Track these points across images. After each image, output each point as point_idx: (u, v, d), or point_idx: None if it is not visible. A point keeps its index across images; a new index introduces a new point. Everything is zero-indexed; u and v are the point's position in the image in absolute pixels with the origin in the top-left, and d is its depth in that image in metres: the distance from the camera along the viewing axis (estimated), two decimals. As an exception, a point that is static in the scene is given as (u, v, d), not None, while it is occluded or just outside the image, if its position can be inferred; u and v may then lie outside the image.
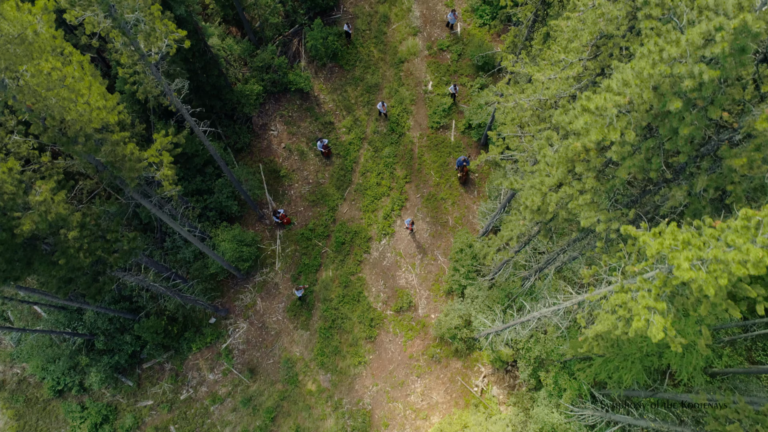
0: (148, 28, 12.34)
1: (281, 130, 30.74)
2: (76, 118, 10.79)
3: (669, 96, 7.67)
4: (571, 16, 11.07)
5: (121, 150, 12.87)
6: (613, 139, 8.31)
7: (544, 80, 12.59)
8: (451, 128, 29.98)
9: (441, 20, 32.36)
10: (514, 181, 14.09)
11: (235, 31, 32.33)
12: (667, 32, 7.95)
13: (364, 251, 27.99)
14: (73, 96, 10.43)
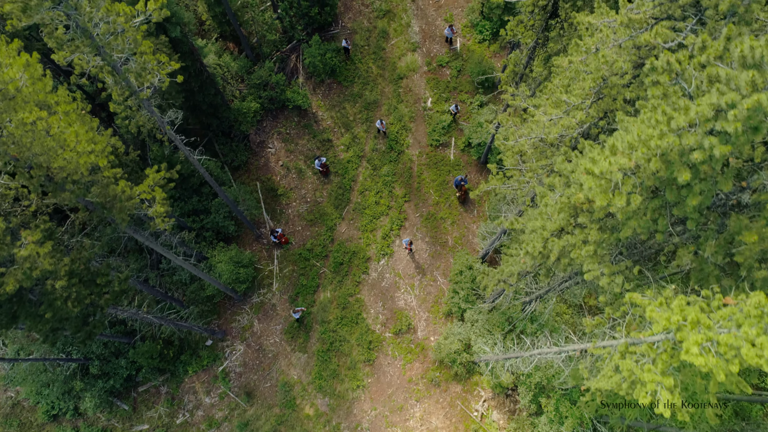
0: (139, 67, 12.01)
1: (279, 147, 30.41)
2: (64, 165, 10.48)
3: (677, 165, 7.34)
4: (573, 60, 10.73)
5: (112, 190, 12.53)
6: (619, 205, 7.97)
7: (546, 121, 12.25)
8: (451, 146, 29.65)
9: (440, 35, 32.04)
10: (515, 221, 13.74)
11: (233, 46, 32.02)
12: (674, 95, 7.61)
13: (363, 272, 27.64)
14: (60, 146, 10.11)
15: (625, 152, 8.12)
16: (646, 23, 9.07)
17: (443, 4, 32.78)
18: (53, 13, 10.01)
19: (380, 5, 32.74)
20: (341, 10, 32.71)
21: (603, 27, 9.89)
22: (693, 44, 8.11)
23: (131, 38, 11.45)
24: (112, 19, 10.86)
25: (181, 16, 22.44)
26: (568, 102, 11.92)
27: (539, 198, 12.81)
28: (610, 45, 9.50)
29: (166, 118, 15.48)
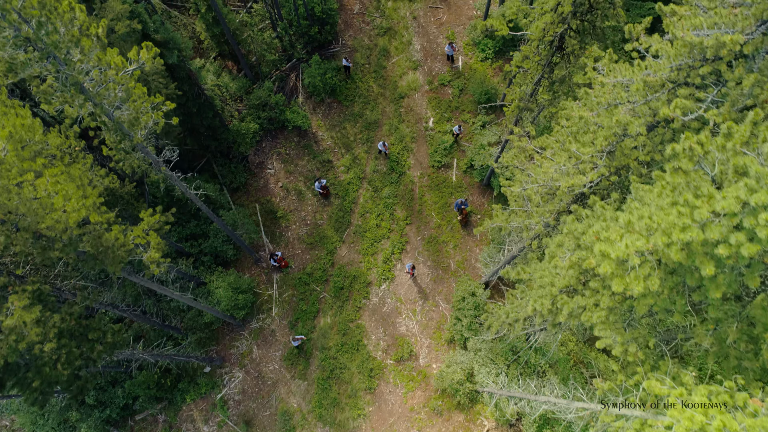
0: (132, 116, 11.56)
1: (278, 168, 29.97)
2: (52, 225, 10.04)
3: (700, 256, 6.89)
4: (584, 115, 10.28)
5: (105, 240, 12.09)
6: (637, 290, 7.52)
7: (553, 172, 11.80)
8: (453, 167, 29.20)
9: (442, 54, 31.61)
10: (521, 271, 13.29)
11: (231, 65, 31.59)
12: (697, 177, 7.17)
13: (364, 297, 27.19)
14: (48, 210, 9.67)
15: (642, 233, 7.66)
16: (662, 86, 8.62)
17: (445, 21, 32.35)
18: (41, 68, 9.58)
19: (381, 22, 32.32)
20: (341, 27, 32.29)
21: (616, 86, 9.44)
22: (714, 119, 7.66)
23: (124, 87, 11.01)
24: (104, 72, 10.41)
25: (177, 42, 22.03)
26: (577, 154, 11.48)
27: (547, 248, 12.36)
28: (624, 109, 9.05)
29: (161, 157, 15.05)
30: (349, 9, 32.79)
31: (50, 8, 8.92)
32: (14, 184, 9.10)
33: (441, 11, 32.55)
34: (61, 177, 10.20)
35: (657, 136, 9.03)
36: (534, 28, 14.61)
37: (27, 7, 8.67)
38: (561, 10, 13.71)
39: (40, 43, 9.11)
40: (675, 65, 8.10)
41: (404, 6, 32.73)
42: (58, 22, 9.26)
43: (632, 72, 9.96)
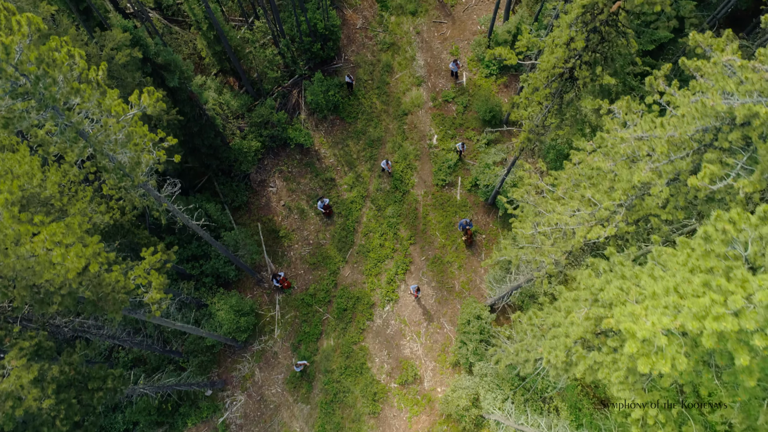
0: (134, 160, 11.20)
1: (280, 186, 29.61)
2: (51, 278, 9.70)
3: (733, 343, 6.53)
4: (602, 167, 9.92)
5: (105, 285, 11.74)
6: (664, 370, 7.16)
7: (568, 217, 11.44)
8: (457, 186, 28.84)
9: (446, 69, 31.25)
10: (533, 315, 12.92)
11: (233, 81, 31.24)
12: (730, 257, 6.80)
13: (367, 318, 26.83)
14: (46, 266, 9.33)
15: (669, 308, 7.30)
16: (688, 146, 8.26)
17: (449, 36, 32.00)
18: (39, 118, 9.21)
19: (384, 38, 31.97)
20: (344, 42, 31.94)
21: (638, 143, 9.08)
22: (744, 189, 7.30)
23: (125, 132, 10.65)
24: (104, 120, 10.06)
25: (179, 64, 21.69)
26: (593, 201, 11.11)
27: (560, 295, 12.00)
28: (646, 167, 8.69)
29: (163, 192, 14.69)
30: (352, 24, 32.44)
31: (48, 61, 8.57)
32: (11, 243, 8.77)
33: (445, 26, 32.21)
34: (59, 231, 9.83)
35: (680, 195, 8.68)
36: (545, 62, 14.25)
37: (24, 62, 8.32)
38: (573, 45, 13.35)
39: (38, 95, 8.76)
40: (701, 127, 7.74)
41: (407, 21, 32.38)
42: (56, 72, 8.91)
43: (652, 125, 9.61)
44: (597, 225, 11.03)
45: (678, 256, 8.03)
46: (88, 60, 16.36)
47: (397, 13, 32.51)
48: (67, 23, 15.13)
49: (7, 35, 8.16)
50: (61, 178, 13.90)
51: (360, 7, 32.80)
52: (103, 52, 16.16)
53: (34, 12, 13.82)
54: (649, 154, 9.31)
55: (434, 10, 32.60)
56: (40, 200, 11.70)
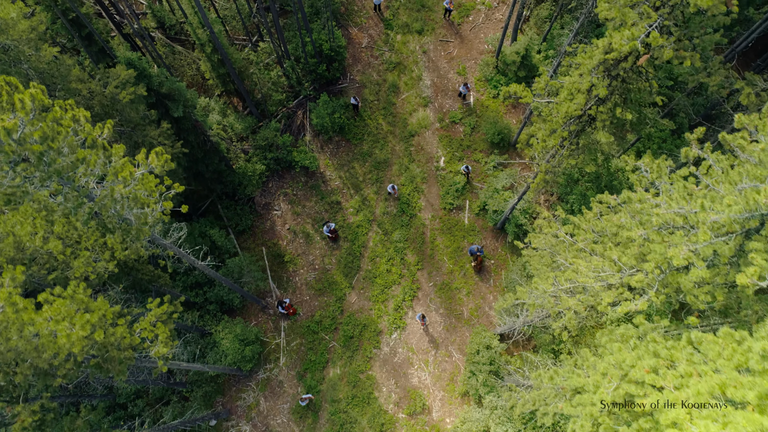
0: (141, 221, 10.73)
1: (285, 209, 29.15)
2: (56, 351, 9.25)
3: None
4: (632, 236, 9.46)
5: (110, 346, 11.27)
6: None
7: (593, 282, 10.97)
8: (465, 209, 28.37)
9: (453, 89, 30.79)
10: (554, 375, 12.45)
11: (236, 101, 30.79)
12: None
13: (374, 346, 26.36)
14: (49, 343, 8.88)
15: (716, 418, 6.84)
16: (729, 228, 7.80)
17: (456, 55, 31.54)
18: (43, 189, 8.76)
19: (390, 57, 31.51)
20: (349, 62, 31.47)
21: (674, 216, 8.61)
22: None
23: (132, 195, 10.19)
24: (110, 188, 9.60)
25: (183, 92, 21.25)
26: (620, 265, 10.64)
27: (585, 361, 11.54)
28: (684, 249, 8.22)
29: (169, 240, 14.22)
30: (357, 43, 31.98)
31: (52, 136, 8.10)
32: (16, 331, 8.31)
33: (451, 45, 31.74)
34: (64, 308, 9.34)
35: (720, 276, 8.24)
36: (563, 107, 13.78)
37: (27, 136, 7.84)
38: (595, 92, 12.89)
39: (41, 170, 8.31)
40: (746, 215, 7.29)
41: (414, 40, 31.92)
42: (61, 143, 8.45)
43: (686, 196, 9.14)
44: (625, 290, 10.55)
45: (722, 349, 7.57)
46: (90, 98, 15.90)
47: (403, 31, 32.06)
48: (70, 63, 14.69)
49: (9, 110, 7.70)
50: (64, 234, 13.44)
51: (365, 26, 32.34)
52: (106, 89, 15.70)
53: (36, 56, 13.37)
54: (685, 227, 8.84)
55: (441, 28, 32.14)
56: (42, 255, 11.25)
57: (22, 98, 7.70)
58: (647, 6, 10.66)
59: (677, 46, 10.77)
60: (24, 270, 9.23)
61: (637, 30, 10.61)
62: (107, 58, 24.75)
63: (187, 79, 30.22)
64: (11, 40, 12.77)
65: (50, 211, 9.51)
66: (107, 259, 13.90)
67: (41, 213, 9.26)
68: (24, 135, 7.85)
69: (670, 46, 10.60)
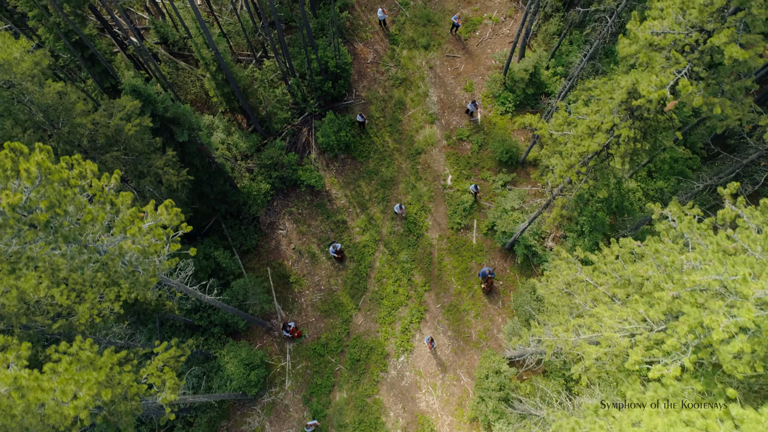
0: (150, 274, 10.34)
1: (290, 229, 28.74)
2: (59, 420, 8.84)
3: None
4: (663, 297, 9.07)
5: (117, 398, 10.88)
6: None
7: (618, 338, 10.55)
8: (473, 229, 27.96)
9: (460, 106, 30.39)
10: (578, 427, 12.04)
11: (241, 118, 30.37)
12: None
13: (381, 369, 25.94)
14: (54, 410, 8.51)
15: None
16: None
17: (462, 71, 31.14)
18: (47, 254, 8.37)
19: (396, 73, 31.11)
20: (355, 78, 31.07)
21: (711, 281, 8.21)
22: None
23: (141, 250, 9.79)
24: (119, 245, 9.20)
25: (188, 117, 20.83)
26: (649, 320, 10.23)
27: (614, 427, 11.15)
28: (725, 320, 7.81)
29: (176, 279, 13.82)
30: (363, 58, 31.58)
31: (59, 201, 7.70)
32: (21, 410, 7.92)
33: (458, 60, 31.34)
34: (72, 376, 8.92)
35: (761, 347, 7.84)
36: (584, 145, 13.38)
37: (33, 203, 7.43)
38: (618, 132, 12.48)
39: (47, 236, 7.93)
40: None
41: (420, 55, 31.52)
42: (67, 205, 8.05)
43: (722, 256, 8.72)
44: (652, 345, 10.15)
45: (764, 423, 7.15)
46: (95, 130, 15.49)
47: (409, 47, 31.66)
48: (75, 97, 14.29)
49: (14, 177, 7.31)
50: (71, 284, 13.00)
51: (371, 41, 31.94)
52: (111, 121, 15.30)
53: (39, 92, 12.97)
54: (723, 293, 8.43)
55: (447, 43, 31.74)
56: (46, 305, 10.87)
57: (27, 168, 7.30)
58: (676, 51, 10.27)
59: (707, 92, 10.38)
60: (26, 299, 8.87)
61: (665, 76, 10.21)
62: (110, 78, 24.39)
63: (190, 96, 29.82)
64: (15, 77, 12.37)
65: (56, 269, 9.12)
66: (112, 299, 13.51)
67: (46, 272, 8.87)
68: (30, 203, 7.45)
69: (700, 93, 10.20)
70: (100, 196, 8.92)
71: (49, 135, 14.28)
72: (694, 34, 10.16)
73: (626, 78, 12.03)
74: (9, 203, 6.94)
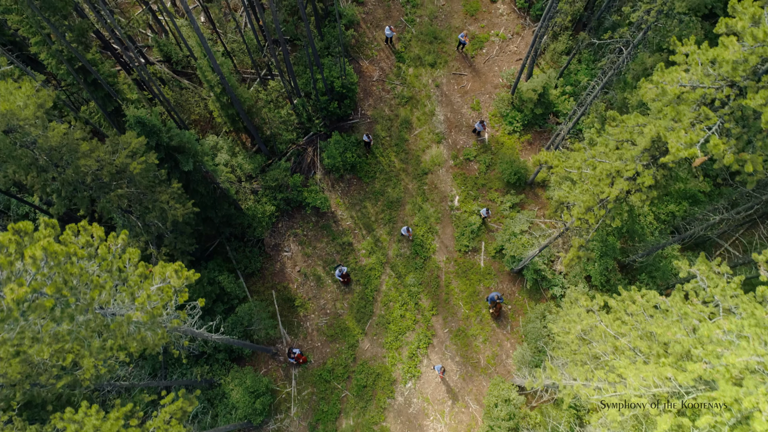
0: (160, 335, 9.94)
1: (295, 251, 28.33)
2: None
3: None
4: (698, 371, 8.67)
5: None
6: None
7: (643, 401, 10.16)
8: (481, 252, 27.56)
9: (467, 125, 29.99)
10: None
11: (245, 137, 29.98)
12: None
13: (388, 396, 25.54)
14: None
15: None
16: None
17: (469, 89, 30.75)
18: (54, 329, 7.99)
19: (402, 91, 30.71)
20: (360, 96, 30.67)
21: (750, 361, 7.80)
22: None
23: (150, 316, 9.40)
24: (127, 315, 8.82)
25: (193, 145, 20.44)
26: (678, 386, 9.83)
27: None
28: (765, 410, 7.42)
29: (185, 326, 13.42)
30: (369, 76, 31.19)
31: (65, 280, 7.31)
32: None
33: (465, 78, 30.95)
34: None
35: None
36: (605, 192, 12.98)
37: (38, 287, 7.03)
38: (641, 180, 12.08)
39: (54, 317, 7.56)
40: None
41: (426, 73, 31.13)
42: (73, 281, 7.66)
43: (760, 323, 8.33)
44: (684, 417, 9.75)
45: None
46: (99, 168, 15.10)
47: (415, 64, 31.26)
48: (80, 137, 13.89)
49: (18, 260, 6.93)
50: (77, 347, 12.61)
51: (377, 59, 31.55)
52: (116, 160, 14.90)
53: (43, 137, 12.58)
54: (762, 371, 8.04)
55: (454, 61, 31.34)
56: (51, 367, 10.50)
57: (33, 254, 6.93)
58: (706, 107, 9.87)
59: (737, 148, 9.98)
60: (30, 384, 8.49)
61: (695, 133, 9.82)
62: (113, 102, 24.01)
63: (194, 116, 29.43)
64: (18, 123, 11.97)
65: (61, 341, 8.74)
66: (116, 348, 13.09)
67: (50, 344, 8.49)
68: (34, 283, 7.07)
69: (731, 150, 9.81)
70: (107, 265, 8.54)
71: (53, 177, 13.91)
72: (725, 89, 9.76)
73: (650, 126, 11.63)
74: (14, 299, 6.58)
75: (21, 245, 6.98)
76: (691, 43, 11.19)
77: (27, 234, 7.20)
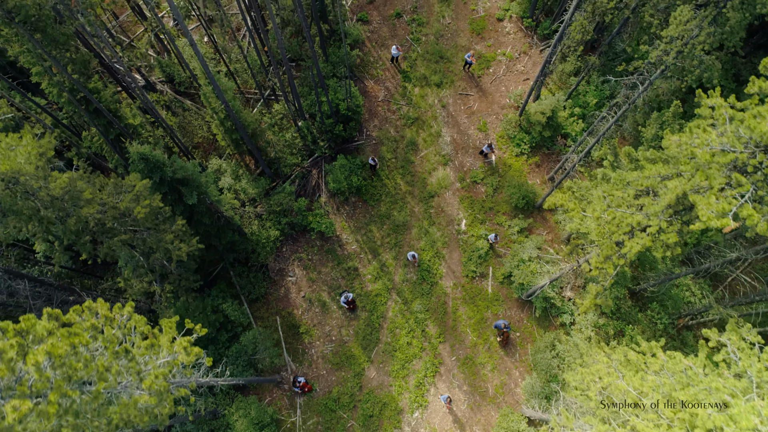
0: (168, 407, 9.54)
1: (300, 276, 27.90)
2: None
3: None
4: None
5: None
6: None
7: None
8: (488, 277, 27.14)
9: (474, 146, 29.57)
10: None
11: (249, 159, 29.56)
12: None
13: (395, 426, 25.11)
14: None
15: None
16: None
17: (476, 110, 30.33)
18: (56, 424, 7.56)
19: (408, 111, 30.30)
20: (366, 117, 30.25)
21: None
22: None
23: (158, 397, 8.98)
24: (134, 398, 8.40)
25: (197, 178, 20.04)
26: None
27: None
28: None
29: (192, 378, 13.00)
30: (374, 96, 30.76)
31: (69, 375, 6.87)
32: None
33: (471, 99, 30.53)
34: None
35: None
36: (628, 247, 12.56)
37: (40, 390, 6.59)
38: (665, 237, 11.65)
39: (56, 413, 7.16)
40: None
41: (432, 93, 30.71)
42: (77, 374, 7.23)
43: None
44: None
45: None
46: (103, 212, 14.67)
47: (421, 84, 30.84)
48: (81, 185, 13.46)
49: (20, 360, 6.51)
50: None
51: (382, 78, 31.13)
52: (120, 204, 14.47)
53: (45, 187, 12.17)
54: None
55: (460, 81, 30.92)
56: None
57: (36, 360, 6.52)
58: (738, 173, 9.46)
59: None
60: None
61: (727, 201, 9.41)
62: (115, 129, 23.58)
63: (197, 139, 29.01)
64: (20, 176, 11.56)
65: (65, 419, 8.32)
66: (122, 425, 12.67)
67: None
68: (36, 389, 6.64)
69: (765, 218, 9.39)
70: (113, 348, 8.12)
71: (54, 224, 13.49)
72: (759, 155, 9.35)
73: (674, 182, 11.21)
74: (16, 418, 6.17)
75: (24, 346, 6.54)
76: (717, 95, 10.78)
77: (27, 332, 6.75)
